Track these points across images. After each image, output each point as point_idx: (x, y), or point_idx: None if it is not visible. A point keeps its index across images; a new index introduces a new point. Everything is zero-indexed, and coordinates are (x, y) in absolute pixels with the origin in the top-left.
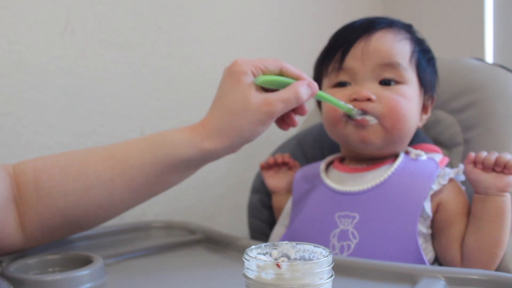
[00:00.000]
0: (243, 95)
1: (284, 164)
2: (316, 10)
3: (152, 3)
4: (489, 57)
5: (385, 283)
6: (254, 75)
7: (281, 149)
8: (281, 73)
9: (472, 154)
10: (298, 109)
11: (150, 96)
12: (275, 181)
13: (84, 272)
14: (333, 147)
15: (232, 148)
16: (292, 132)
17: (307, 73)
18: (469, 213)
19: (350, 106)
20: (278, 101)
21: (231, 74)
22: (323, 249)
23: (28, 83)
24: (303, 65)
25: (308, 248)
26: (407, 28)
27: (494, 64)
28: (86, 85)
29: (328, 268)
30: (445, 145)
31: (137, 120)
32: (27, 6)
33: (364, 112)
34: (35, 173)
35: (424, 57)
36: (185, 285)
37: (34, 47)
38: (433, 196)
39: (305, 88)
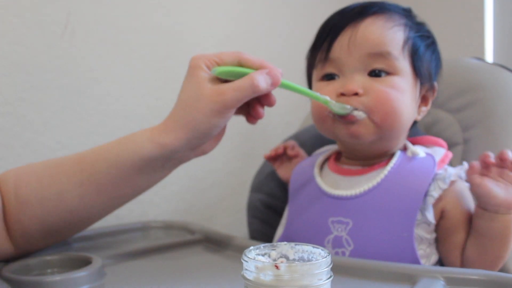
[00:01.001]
0: (196, 87)
1: (286, 154)
2: (317, 9)
3: (152, 3)
4: (489, 57)
5: (385, 284)
6: (209, 68)
7: None
8: (240, 65)
9: (476, 164)
10: (264, 100)
11: (150, 96)
12: (283, 171)
13: (83, 273)
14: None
15: (190, 142)
16: (291, 131)
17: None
18: (471, 218)
19: (326, 97)
20: (231, 90)
21: (188, 69)
22: (322, 249)
23: (28, 83)
24: (304, 64)
25: (307, 249)
26: (403, 13)
27: (494, 64)
28: (86, 85)
29: (327, 269)
30: None
31: (137, 120)
32: (27, 6)
33: (353, 108)
34: (15, 181)
35: (421, 43)
36: (185, 285)
37: (34, 47)
38: (435, 204)
39: (263, 77)
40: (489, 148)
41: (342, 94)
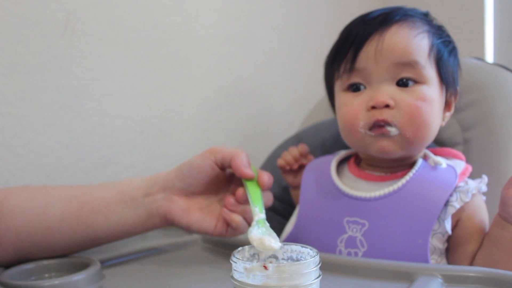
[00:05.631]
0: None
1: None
2: (317, 9)
3: (152, 3)
4: (489, 57)
5: (383, 281)
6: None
7: (281, 148)
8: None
9: None
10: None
11: (150, 96)
12: (291, 176)
13: (81, 276)
14: (334, 146)
15: (178, 174)
16: (292, 131)
17: (312, 72)
18: (485, 230)
19: (261, 216)
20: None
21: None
22: (310, 249)
23: (28, 83)
24: (304, 64)
25: (295, 248)
26: (424, 18)
27: (494, 64)
28: (86, 85)
29: (315, 268)
30: (444, 145)
31: (137, 120)
32: (27, 6)
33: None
34: (5, 194)
35: (445, 49)
36: (183, 286)
37: (34, 47)
38: (453, 214)
39: (246, 160)
40: (489, 148)
41: (373, 107)
